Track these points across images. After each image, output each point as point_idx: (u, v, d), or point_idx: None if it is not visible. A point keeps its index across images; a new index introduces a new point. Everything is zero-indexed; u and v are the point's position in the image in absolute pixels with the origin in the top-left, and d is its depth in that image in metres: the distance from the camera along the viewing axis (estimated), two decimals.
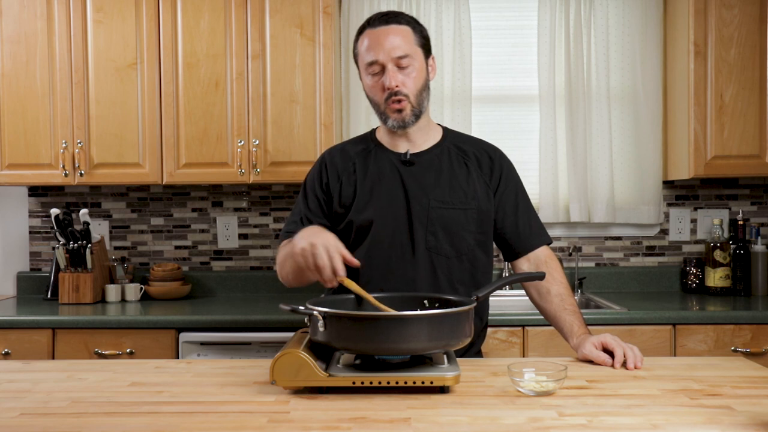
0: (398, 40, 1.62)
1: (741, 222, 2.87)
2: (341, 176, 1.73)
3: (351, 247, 1.71)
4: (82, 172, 2.72)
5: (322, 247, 1.38)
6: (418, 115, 1.67)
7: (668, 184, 3.06)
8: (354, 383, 1.27)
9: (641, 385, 1.34)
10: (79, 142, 2.72)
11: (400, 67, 1.63)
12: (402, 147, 1.73)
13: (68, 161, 2.72)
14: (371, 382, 1.27)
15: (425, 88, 1.68)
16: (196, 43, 2.71)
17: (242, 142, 2.70)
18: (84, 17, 2.72)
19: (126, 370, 1.49)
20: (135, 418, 1.16)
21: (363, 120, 2.95)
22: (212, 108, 2.72)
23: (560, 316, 1.66)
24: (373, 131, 1.81)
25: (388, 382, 1.26)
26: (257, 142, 2.71)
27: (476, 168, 1.72)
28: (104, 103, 2.73)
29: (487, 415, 1.16)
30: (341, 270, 1.39)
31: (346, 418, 1.15)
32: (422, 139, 1.73)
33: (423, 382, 1.26)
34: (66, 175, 2.72)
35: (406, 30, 1.65)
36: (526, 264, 1.75)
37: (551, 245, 1.81)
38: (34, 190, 3.10)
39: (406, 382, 1.26)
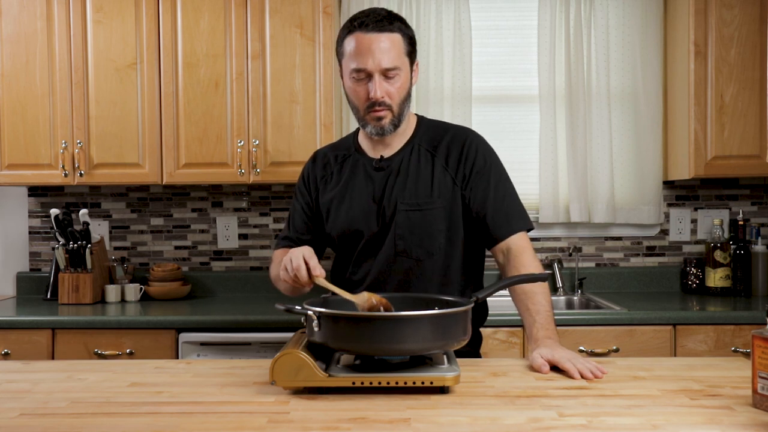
0: (389, 50, 1.59)
1: (741, 222, 2.87)
2: (320, 184, 1.79)
3: (340, 256, 1.78)
4: (82, 172, 2.72)
5: (293, 256, 1.46)
6: (397, 124, 1.67)
7: (668, 184, 3.05)
8: (354, 383, 1.27)
9: (641, 385, 1.34)
10: (79, 143, 2.72)
11: (386, 77, 1.61)
12: (378, 150, 1.74)
13: (68, 161, 2.72)
14: (371, 383, 1.27)
15: (408, 97, 1.68)
16: (196, 43, 2.71)
17: (242, 143, 2.70)
18: (84, 17, 2.72)
19: (125, 371, 1.49)
20: (134, 418, 1.16)
21: None
22: (212, 108, 2.72)
23: (522, 316, 1.60)
24: (357, 132, 1.81)
25: (388, 383, 1.26)
26: (257, 142, 2.70)
27: (443, 163, 1.70)
28: (104, 103, 2.73)
29: (487, 415, 1.16)
30: (315, 270, 1.44)
31: (346, 418, 1.15)
32: (398, 141, 1.73)
33: (423, 383, 1.26)
34: (66, 175, 2.72)
35: (397, 38, 1.61)
36: (500, 255, 1.68)
37: (531, 232, 1.70)
38: (34, 190, 3.10)
39: (405, 383, 1.26)
